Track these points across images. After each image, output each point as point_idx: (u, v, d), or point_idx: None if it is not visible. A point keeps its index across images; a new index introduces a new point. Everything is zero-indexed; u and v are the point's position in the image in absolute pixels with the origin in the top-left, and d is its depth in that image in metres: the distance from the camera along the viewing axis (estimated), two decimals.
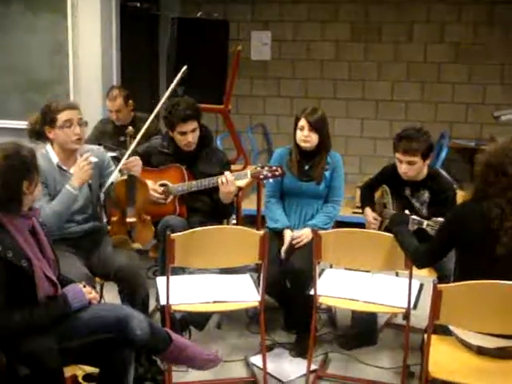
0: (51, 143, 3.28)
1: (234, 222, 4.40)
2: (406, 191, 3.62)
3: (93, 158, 3.28)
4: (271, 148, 7.02)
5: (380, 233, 3.31)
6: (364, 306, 3.21)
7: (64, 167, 3.28)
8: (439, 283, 2.54)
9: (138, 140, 3.57)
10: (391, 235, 3.11)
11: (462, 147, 6.69)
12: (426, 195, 3.58)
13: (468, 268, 2.72)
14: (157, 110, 3.91)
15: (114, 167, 3.49)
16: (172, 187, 3.83)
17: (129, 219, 3.40)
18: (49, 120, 3.21)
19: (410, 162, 3.45)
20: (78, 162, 3.21)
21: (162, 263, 3.52)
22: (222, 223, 4.00)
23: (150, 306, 3.44)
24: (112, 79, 5.22)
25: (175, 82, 4.02)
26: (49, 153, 3.29)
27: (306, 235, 3.69)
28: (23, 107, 5.20)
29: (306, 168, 3.86)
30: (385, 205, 3.73)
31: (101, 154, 3.48)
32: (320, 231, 3.21)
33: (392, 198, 3.68)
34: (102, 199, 3.46)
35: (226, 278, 3.46)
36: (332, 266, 3.67)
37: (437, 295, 2.51)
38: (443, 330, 2.77)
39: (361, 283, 3.40)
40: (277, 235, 3.75)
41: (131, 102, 4.78)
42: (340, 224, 3.99)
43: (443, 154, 5.91)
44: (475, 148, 6.50)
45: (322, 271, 3.51)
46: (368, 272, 3.48)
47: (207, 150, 3.96)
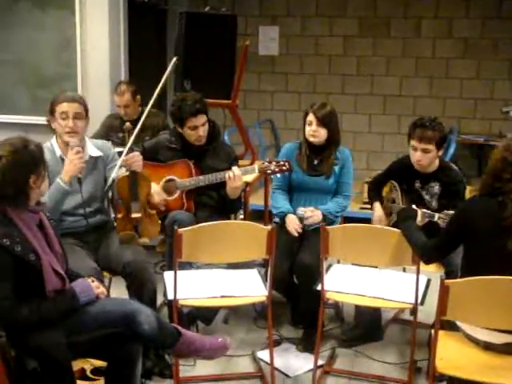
0: (56, 135, 3.36)
1: (242, 216, 4.41)
2: (416, 184, 3.63)
3: (94, 153, 3.36)
4: (279, 143, 7.01)
5: (387, 228, 3.31)
6: (371, 301, 3.20)
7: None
8: (446, 279, 2.54)
9: (135, 135, 3.56)
10: (398, 231, 3.10)
11: (470, 143, 6.68)
12: (436, 187, 3.58)
13: (476, 263, 2.71)
14: (150, 104, 3.86)
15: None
16: (179, 182, 3.84)
17: (134, 214, 3.41)
18: (50, 111, 3.31)
19: (425, 150, 3.48)
20: (68, 155, 3.22)
21: (170, 258, 3.53)
22: (229, 218, 3.99)
23: (158, 300, 3.44)
24: (120, 74, 5.22)
25: (166, 74, 4.01)
26: (53, 145, 3.35)
27: (317, 214, 3.70)
28: (31, 103, 5.22)
29: (316, 162, 3.86)
30: (394, 200, 3.73)
31: (106, 148, 3.51)
32: (327, 227, 3.20)
33: (401, 192, 3.68)
34: (109, 194, 3.48)
35: (234, 272, 3.46)
36: (339, 262, 3.66)
37: (444, 291, 2.50)
38: (450, 326, 2.77)
39: (368, 279, 3.39)
40: (284, 230, 3.75)
41: (139, 97, 4.78)
42: (347, 219, 3.98)
43: (451, 150, 5.90)
44: (483, 144, 6.50)
45: (330, 266, 3.51)
46: (375, 267, 3.48)
47: (215, 144, 3.96)
